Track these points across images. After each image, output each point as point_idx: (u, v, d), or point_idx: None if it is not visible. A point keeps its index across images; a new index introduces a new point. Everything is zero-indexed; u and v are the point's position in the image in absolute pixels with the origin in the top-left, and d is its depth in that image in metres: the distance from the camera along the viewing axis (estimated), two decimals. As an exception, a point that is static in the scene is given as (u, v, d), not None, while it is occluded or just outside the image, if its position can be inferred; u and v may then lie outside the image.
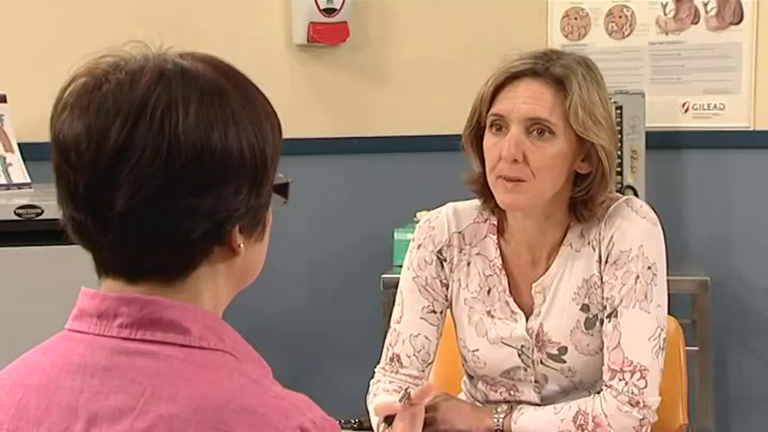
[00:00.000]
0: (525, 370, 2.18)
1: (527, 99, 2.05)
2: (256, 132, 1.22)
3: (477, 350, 2.20)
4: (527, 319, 2.16)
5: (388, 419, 1.95)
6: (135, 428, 1.15)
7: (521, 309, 2.17)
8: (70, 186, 1.19)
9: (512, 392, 2.21)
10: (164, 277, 1.21)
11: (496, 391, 2.23)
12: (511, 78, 2.08)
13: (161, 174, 1.16)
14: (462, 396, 2.32)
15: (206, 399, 1.15)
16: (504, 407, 2.15)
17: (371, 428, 2.15)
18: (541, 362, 2.17)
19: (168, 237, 1.18)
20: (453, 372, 2.35)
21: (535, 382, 2.19)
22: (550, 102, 2.05)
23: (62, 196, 1.22)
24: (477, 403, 2.26)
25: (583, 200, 2.10)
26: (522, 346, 2.16)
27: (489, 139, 2.09)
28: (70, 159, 1.18)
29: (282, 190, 1.29)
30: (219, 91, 1.21)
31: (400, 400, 1.91)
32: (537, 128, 2.05)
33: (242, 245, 1.23)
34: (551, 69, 2.06)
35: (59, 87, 1.23)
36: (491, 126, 2.09)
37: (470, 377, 2.29)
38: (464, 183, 2.17)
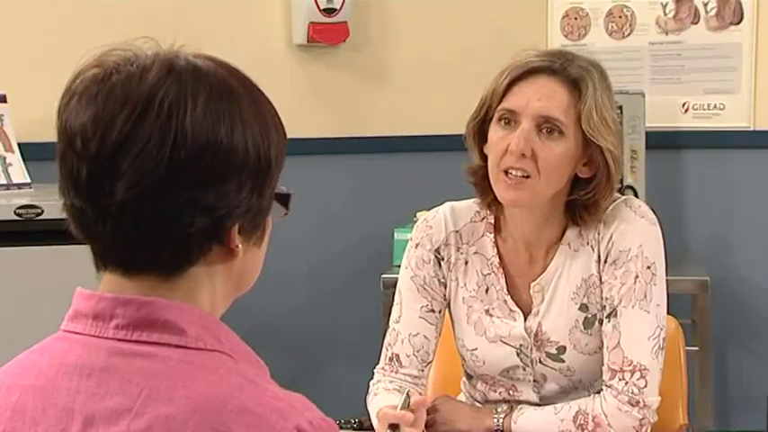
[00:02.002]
0: (524, 369, 2.18)
1: (542, 96, 2.05)
2: (262, 133, 1.23)
3: (475, 349, 2.20)
4: (525, 318, 2.17)
5: (393, 427, 1.95)
6: (132, 430, 1.15)
7: (519, 307, 2.17)
8: (73, 174, 1.20)
9: (511, 392, 2.21)
10: (161, 272, 1.21)
11: (495, 391, 2.23)
12: (526, 74, 2.07)
13: (164, 165, 1.16)
14: (462, 397, 2.32)
15: (203, 399, 1.15)
16: (504, 407, 2.15)
17: (372, 428, 2.15)
18: (540, 361, 2.17)
19: (167, 229, 1.19)
20: (453, 372, 2.35)
21: (534, 381, 2.19)
22: (565, 102, 2.05)
23: (64, 184, 1.22)
24: (477, 403, 2.26)
25: (586, 204, 2.10)
26: (521, 345, 2.16)
27: (496, 132, 2.09)
28: (75, 147, 1.19)
29: (284, 200, 1.30)
30: (229, 89, 1.22)
31: (402, 408, 1.93)
32: (547, 127, 2.05)
33: (240, 246, 1.23)
34: (568, 69, 2.07)
35: (69, 78, 1.23)
36: (500, 120, 2.08)
37: (469, 377, 2.29)
38: (463, 172, 2.17)
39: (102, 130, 1.17)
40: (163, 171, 1.16)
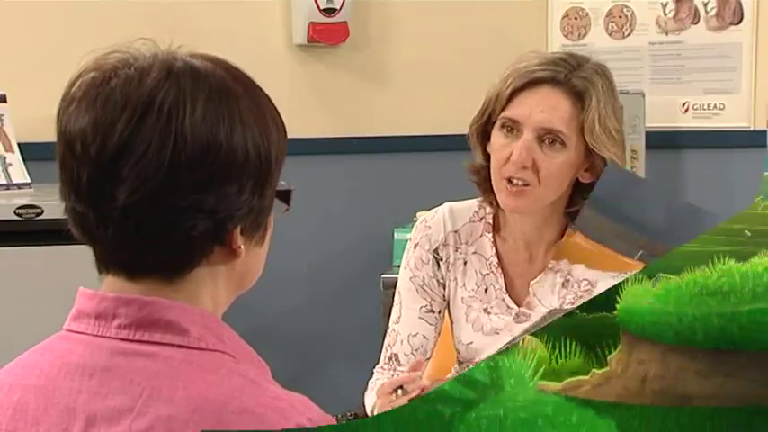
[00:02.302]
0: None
1: (545, 108, 2.05)
2: (262, 133, 1.22)
3: (470, 343, 2.20)
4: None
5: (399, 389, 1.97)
6: (133, 429, 1.15)
7: (517, 306, 2.17)
8: (74, 179, 1.20)
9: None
10: (164, 275, 1.21)
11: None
12: (530, 84, 2.06)
13: (165, 169, 1.16)
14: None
15: (204, 399, 1.15)
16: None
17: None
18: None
19: (169, 233, 1.18)
20: (448, 363, 2.34)
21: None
22: (567, 114, 2.05)
23: (65, 189, 1.22)
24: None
25: None
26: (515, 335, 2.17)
27: (499, 140, 2.09)
28: (76, 152, 1.19)
29: (285, 197, 1.29)
30: (228, 90, 1.21)
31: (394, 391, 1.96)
32: (549, 138, 2.05)
33: (242, 246, 1.23)
34: (572, 81, 2.06)
35: (67, 82, 1.23)
36: (502, 127, 2.08)
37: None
38: (464, 171, 2.17)
39: (102, 134, 1.17)
40: (163, 175, 1.16)
